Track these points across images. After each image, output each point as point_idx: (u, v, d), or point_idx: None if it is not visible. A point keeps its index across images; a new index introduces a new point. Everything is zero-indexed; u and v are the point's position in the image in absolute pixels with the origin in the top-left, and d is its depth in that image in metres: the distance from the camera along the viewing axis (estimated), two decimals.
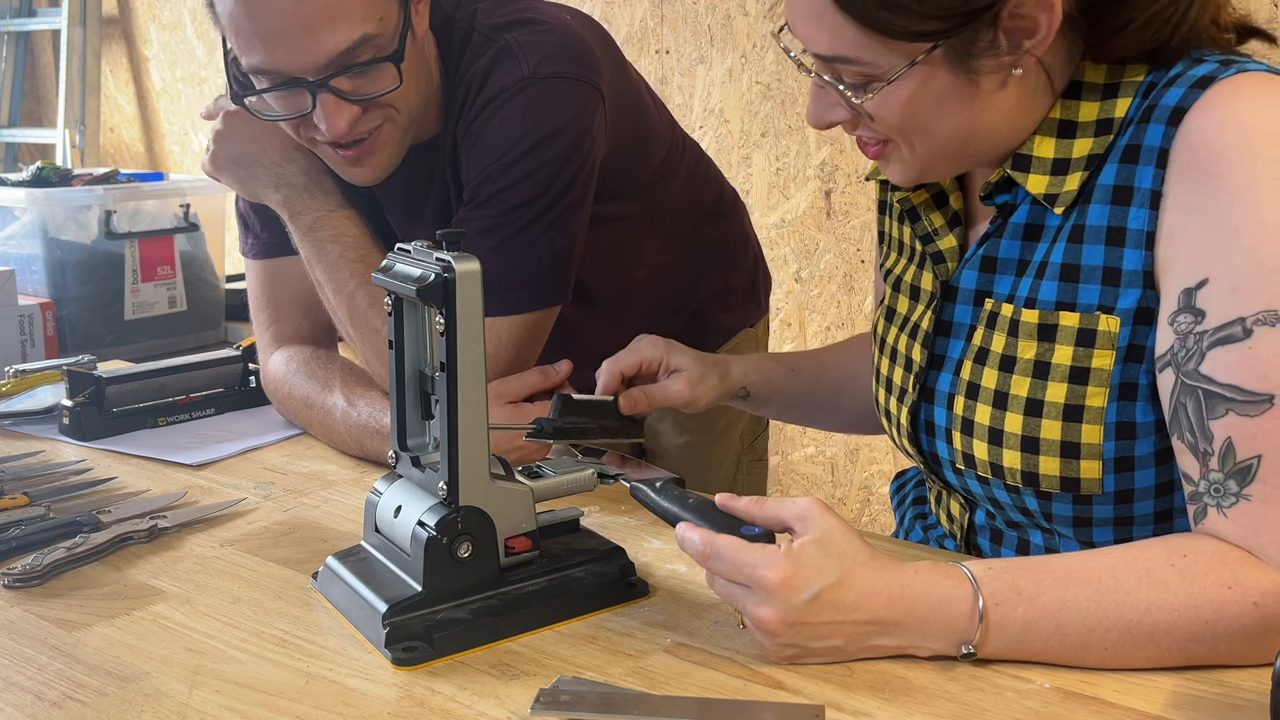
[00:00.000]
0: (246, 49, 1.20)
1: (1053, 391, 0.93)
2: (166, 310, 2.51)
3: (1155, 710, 0.78)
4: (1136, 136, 0.91)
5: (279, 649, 0.90)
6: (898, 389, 1.09)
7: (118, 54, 4.24)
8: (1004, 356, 0.97)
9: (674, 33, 2.84)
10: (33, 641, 0.92)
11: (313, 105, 1.22)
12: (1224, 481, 0.83)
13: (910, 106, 0.92)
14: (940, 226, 1.06)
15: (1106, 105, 0.94)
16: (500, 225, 1.28)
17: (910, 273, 1.10)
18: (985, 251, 1.01)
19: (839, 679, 0.83)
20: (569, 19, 1.35)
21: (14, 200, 2.37)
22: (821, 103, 0.97)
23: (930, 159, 0.97)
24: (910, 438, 1.07)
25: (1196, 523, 0.86)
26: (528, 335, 1.31)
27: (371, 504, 0.98)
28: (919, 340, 1.06)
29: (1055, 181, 0.95)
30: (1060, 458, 0.94)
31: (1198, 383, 0.85)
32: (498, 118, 1.28)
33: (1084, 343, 0.92)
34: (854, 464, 2.75)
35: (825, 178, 2.66)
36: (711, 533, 0.86)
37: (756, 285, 1.72)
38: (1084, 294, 0.93)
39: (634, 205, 1.49)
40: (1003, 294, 0.99)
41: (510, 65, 1.28)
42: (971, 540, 1.08)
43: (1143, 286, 0.90)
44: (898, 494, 1.28)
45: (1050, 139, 0.95)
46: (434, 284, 0.87)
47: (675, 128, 1.57)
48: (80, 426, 1.42)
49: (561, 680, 0.83)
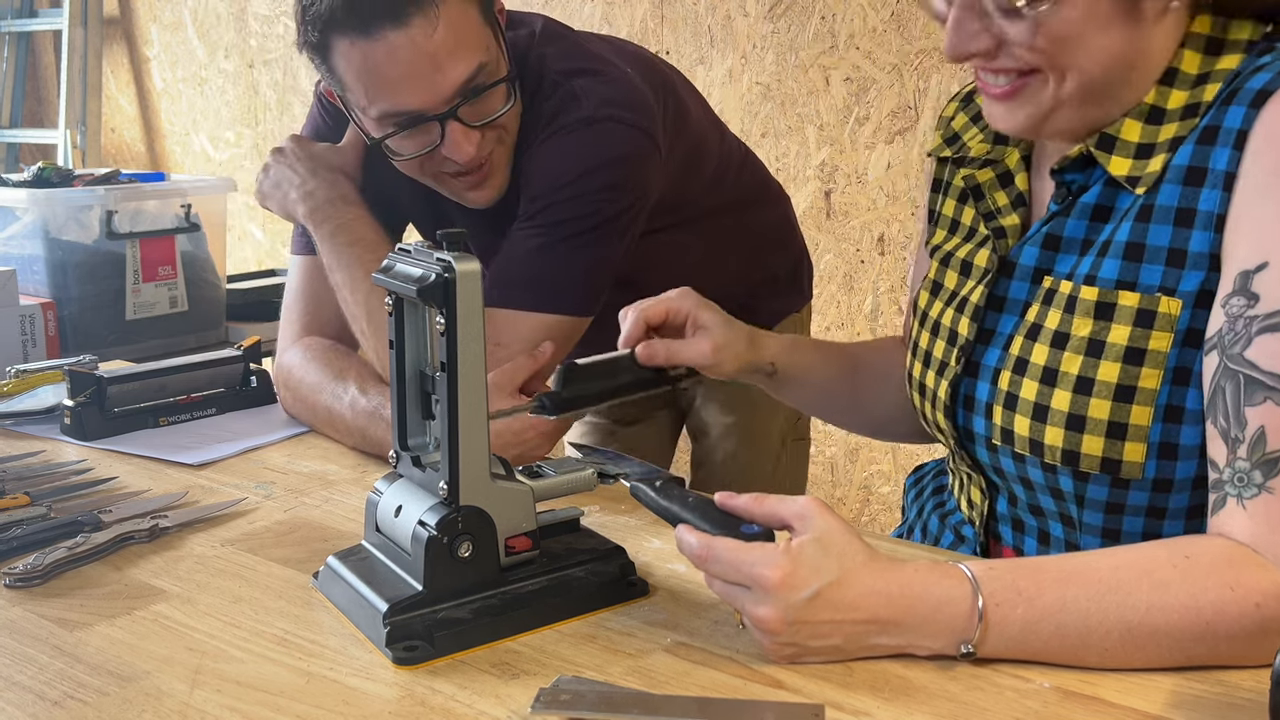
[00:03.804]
0: (378, 96, 1.29)
1: (1105, 370, 0.93)
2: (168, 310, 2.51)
3: (1155, 710, 0.78)
4: (1216, 118, 0.90)
5: (280, 648, 0.90)
6: (937, 362, 1.07)
7: (119, 54, 4.24)
8: (1057, 333, 0.96)
9: (674, 33, 2.84)
10: (34, 641, 0.92)
11: (441, 137, 1.31)
12: (1249, 471, 0.83)
13: (1079, 27, 0.89)
14: (1004, 205, 1.05)
15: (1196, 92, 0.93)
16: (540, 234, 1.36)
17: (965, 250, 1.09)
18: (1050, 230, 1.00)
19: (839, 678, 0.83)
20: (630, 72, 1.42)
21: (15, 200, 2.37)
22: (963, 30, 0.93)
23: (1075, 93, 0.93)
24: (947, 411, 1.05)
25: (1214, 512, 0.85)
26: (549, 335, 1.34)
27: (372, 503, 0.99)
28: (967, 314, 1.05)
29: (1137, 165, 0.94)
30: (1105, 438, 0.93)
31: (1240, 367, 0.84)
32: (556, 149, 1.36)
33: (1142, 323, 0.92)
34: (854, 464, 2.75)
35: (825, 178, 2.66)
36: (709, 535, 0.86)
37: (801, 272, 1.79)
38: (1146, 274, 0.92)
39: (685, 214, 1.56)
40: (1062, 272, 0.98)
41: (573, 107, 1.37)
42: (991, 528, 1.07)
43: (1207, 269, 0.89)
44: (915, 487, 1.27)
45: (1138, 124, 0.95)
46: (434, 284, 0.87)
47: (725, 136, 1.64)
48: (81, 426, 1.42)
49: (561, 680, 0.83)
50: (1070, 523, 1.00)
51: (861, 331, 2.68)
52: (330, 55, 1.28)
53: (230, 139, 3.98)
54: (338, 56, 1.27)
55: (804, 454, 1.83)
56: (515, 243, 1.37)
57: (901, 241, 2.58)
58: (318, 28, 1.26)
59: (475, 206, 1.42)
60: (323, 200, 1.44)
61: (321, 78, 1.36)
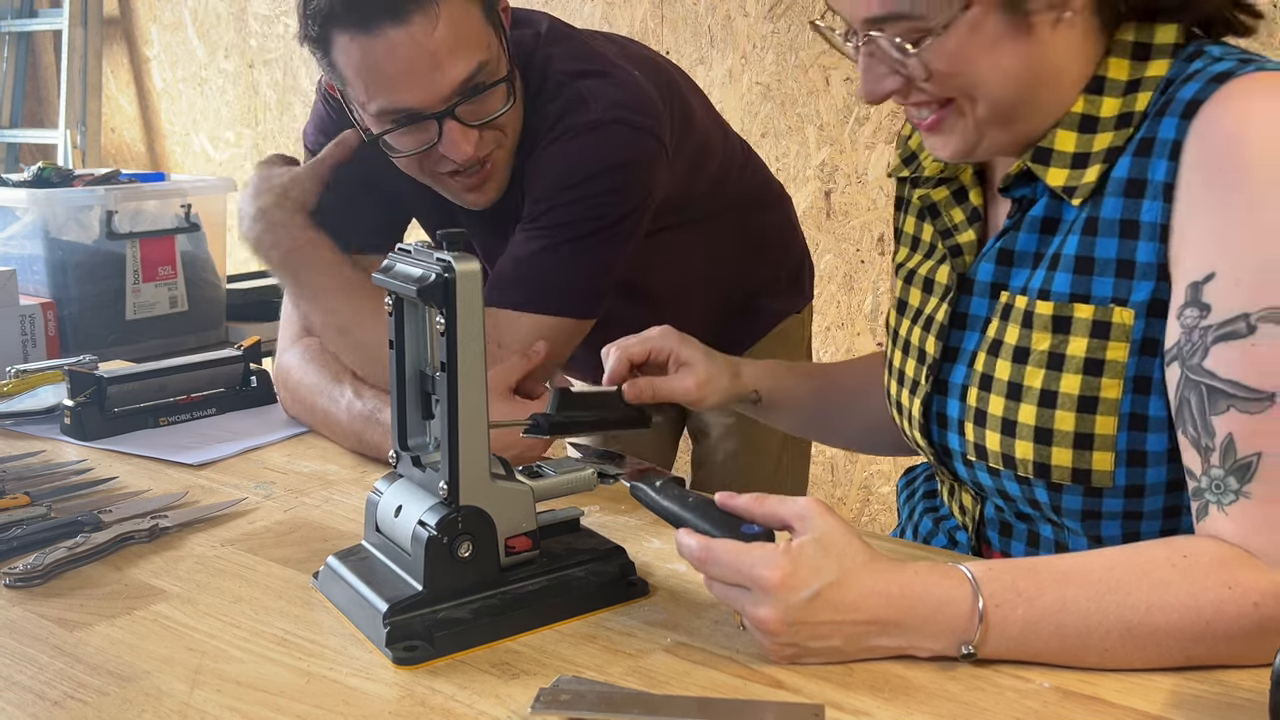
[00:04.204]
0: (377, 93, 1.28)
1: (1067, 383, 0.93)
2: (168, 310, 2.51)
3: (1155, 710, 0.78)
4: (1151, 130, 0.91)
5: (280, 648, 0.90)
6: (910, 381, 1.08)
7: (119, 54, 4.24)
8: (1018, 348, 0.97)
9: (674, 33, 2.84)
10: (34, 641, 0.92)
11: (438, 135, 1.30)
12: (1224, 478, 0.83)
13: (966, 54, 0.91)
14: (960, 222, 1.06)
15: (1128, 100, 0.94)
16: (544, 236, 1.35)
17: (926, 267, 1.10)
18: (1003, 245, 1.01)
19: (839, 678, 0.83)
20: (637, 74, 1.42)
21: (15, 200, 2.37)
22: (872, 74, 0.95)
23: (990, 116, 0.95)
24: (922, 429, 1.07)
25: (1199, 520, 0.86)
26: (548, 337, 1.33)
27: (372, 503, 0.99)
28: (933, 332, 1.06)
29: (1074, 175, 0.95)
30: (1073, 449, 0.93)
31: (1201, 378, 0.85)
32: (561, 152, 1.36)
33: (1098, 334, 0.92)
34: (854, 464, 2.75)
35: (825, 178, 2.66)
36: (708, 537, 0.86)
37: (802, 272, 1.79)
38: (1098, 286, 0.93)
39: (688, 215, 1.55)
40: (1017, 287, 0.99)
41: (579, 109, 1.36)
42: (983, 533, 1.08)
43: (1156, 279, 0.90)
44: (906, 488, 1.27)
45: (1071, 133, 0.95)
46: (434, 284, 0.87)
47: (728, 135, 1.63)
48: (81, 426, 1.42)
49: (561, 679, 0.83)
50: (1058, 526, 1.00)
51: (861, 331, 2.68)
52: (330, 50, 1.28)
53: (230, 139, 3.98)
54: (338, 51, 1.27)
55: (805, 454, 1.83)
56: (518, 244, 1.36)
57: None
58: (318, 22, 1.26)
59: (473, 208, 1.42)
60: (262, 232, 1.43)
61: (322, 71, 1.36)
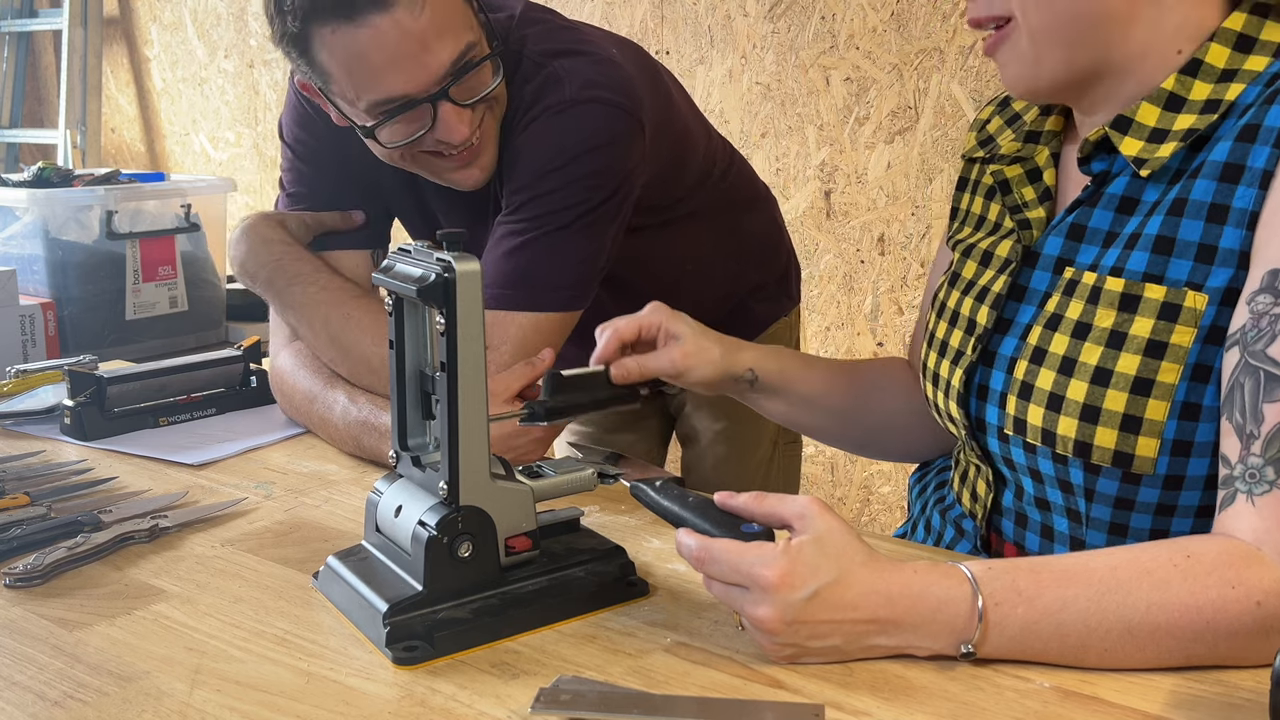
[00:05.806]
0: (368, 85, 1.25)
1: (1125, 362, 0.92)
2: (167, 310, 2.51)
3: (1155, 710, 0.78)
4: (1257, 116, 0.90)
5: (280, 648, 0.90)
6: (953, 351, 1.08)
7: (119, 54, 4.24)
8: (1078, 324, 0.96)
9: (674, 33, 2.84)
10: (34, 641, 0.92)
11: (432, 120, 1.28)
12: (1262, 467, 0.83)
13: None
14: (1031, 200, 1.06)
15: (1219, 88, 0.93)
16: (528, 229, 1.33)
17: (986, 242, 1.10)
18: (1075, 219, 1.00)
19: (839, 678, 0.83)
20: (614, 52, 1.40)
21: (15, 200, 2.38)
22: None
23: (1045, 36, 0.95)
24: (960, 399, 1.05)
25: (1221, 510, 0.85)
26: (540, 334, 1.32)
27: (372, 503, 0.99)
28: (986, 303, 1.05)
29: (1148, 148, 0.95)
30: (1119, 430, 0.93)
31: (1261, 363, 0.84)
32: (538, 134, 1.34)
33: (1166, 316, 0.92)
34: (854, 464, 2.75)
35: (825, 178, 2.66)
36: (706, 537, 0.86)
37: (789, 276, 1.78)
38: (1174, 268, 0.92)
39: (673, 213, 1.54)
40: (1085, 263, 0.98)
41: (555, 89, 1.34)
42: (994, 522, 1.07)
43: (1236, 266, 0.89)
44: (919, 483, 1.27)
45: (1156, 108, 0.95)
46: (434, 284, 0.87)
47: (711, 134, 1.62)
48: (81, 426, 1.42)
49: (561, 680, 0.83)
50: (1077, 518, 0.99)
51: (861, 331, 2.68)
52: (311, 46, 1.24)
53: (230, 139, 3.98)
54: (319, 47, 1.23)
55: (796, 457, 1.81)
56: (500, 239, 1.34)
57: (901, 241, 2.58)
58: (298, 18, 1.22)
59: (462, 188, 1.39)
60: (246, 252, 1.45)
61: (299, 73, 1.32)
